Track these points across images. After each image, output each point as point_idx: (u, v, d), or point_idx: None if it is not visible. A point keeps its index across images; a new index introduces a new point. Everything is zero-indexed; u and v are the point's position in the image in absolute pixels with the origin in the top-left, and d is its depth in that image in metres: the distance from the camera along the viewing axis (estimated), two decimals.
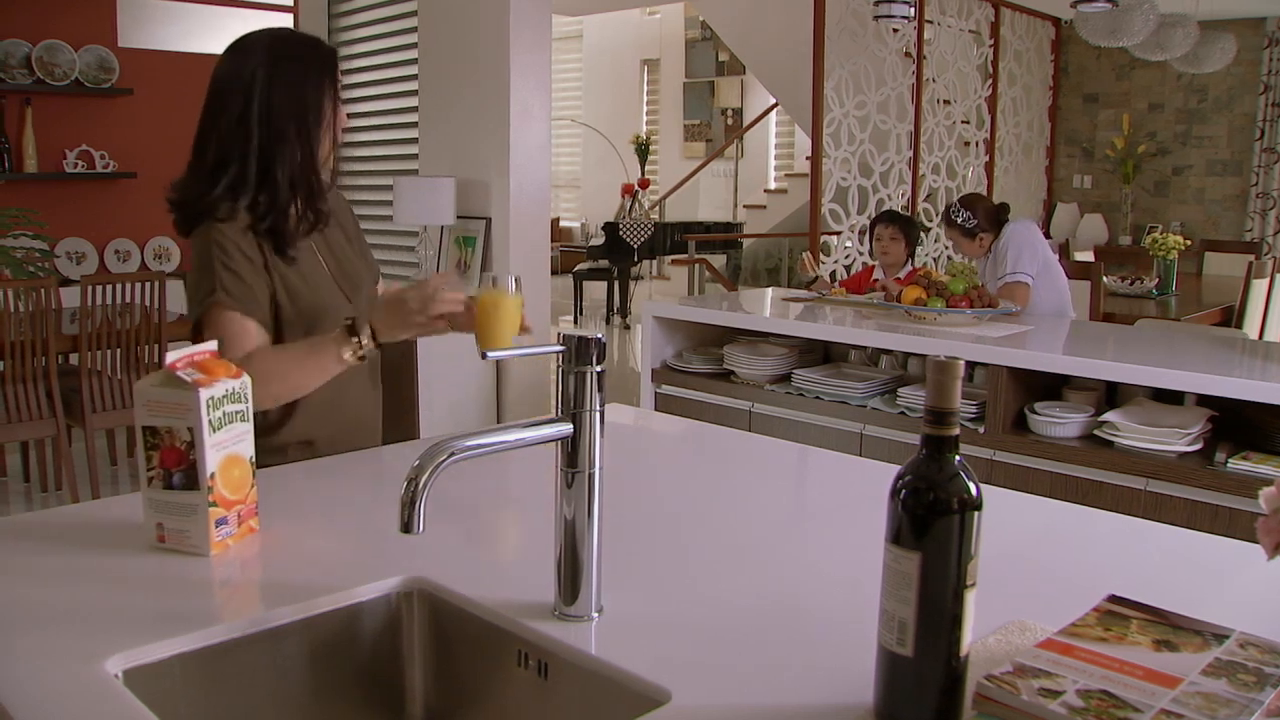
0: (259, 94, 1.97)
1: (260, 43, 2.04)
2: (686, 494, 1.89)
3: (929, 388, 0.98)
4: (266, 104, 1.97)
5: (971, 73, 7.99)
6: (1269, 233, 8.81)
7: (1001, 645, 1.17)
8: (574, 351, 1.20)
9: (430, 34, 5.97)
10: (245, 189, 1.98)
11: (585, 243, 12.91)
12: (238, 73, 1.99)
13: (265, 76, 1.98)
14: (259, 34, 2.07)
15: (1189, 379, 3.03)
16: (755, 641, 1.23)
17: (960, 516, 0.97)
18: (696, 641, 1.23)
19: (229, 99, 1.98)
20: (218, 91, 2.01)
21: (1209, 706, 0.94)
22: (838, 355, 4.12)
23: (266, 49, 2.02)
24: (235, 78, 1.99)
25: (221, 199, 1.97)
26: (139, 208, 6.88)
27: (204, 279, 1.95)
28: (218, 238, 1.95)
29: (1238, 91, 8.98)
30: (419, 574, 1.40)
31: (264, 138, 1.97)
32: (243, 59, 2.01)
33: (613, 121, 14.15)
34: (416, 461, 1.14)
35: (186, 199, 2.01)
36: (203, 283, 1.95)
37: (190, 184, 2.01)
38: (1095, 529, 1.72)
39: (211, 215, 1.96)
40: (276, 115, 1.98)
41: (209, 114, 2.01)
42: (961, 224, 4.40)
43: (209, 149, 2.00)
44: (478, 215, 5.72)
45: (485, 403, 5.67)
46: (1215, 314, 6.24)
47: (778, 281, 11.45)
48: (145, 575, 1.40)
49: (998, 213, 4.41)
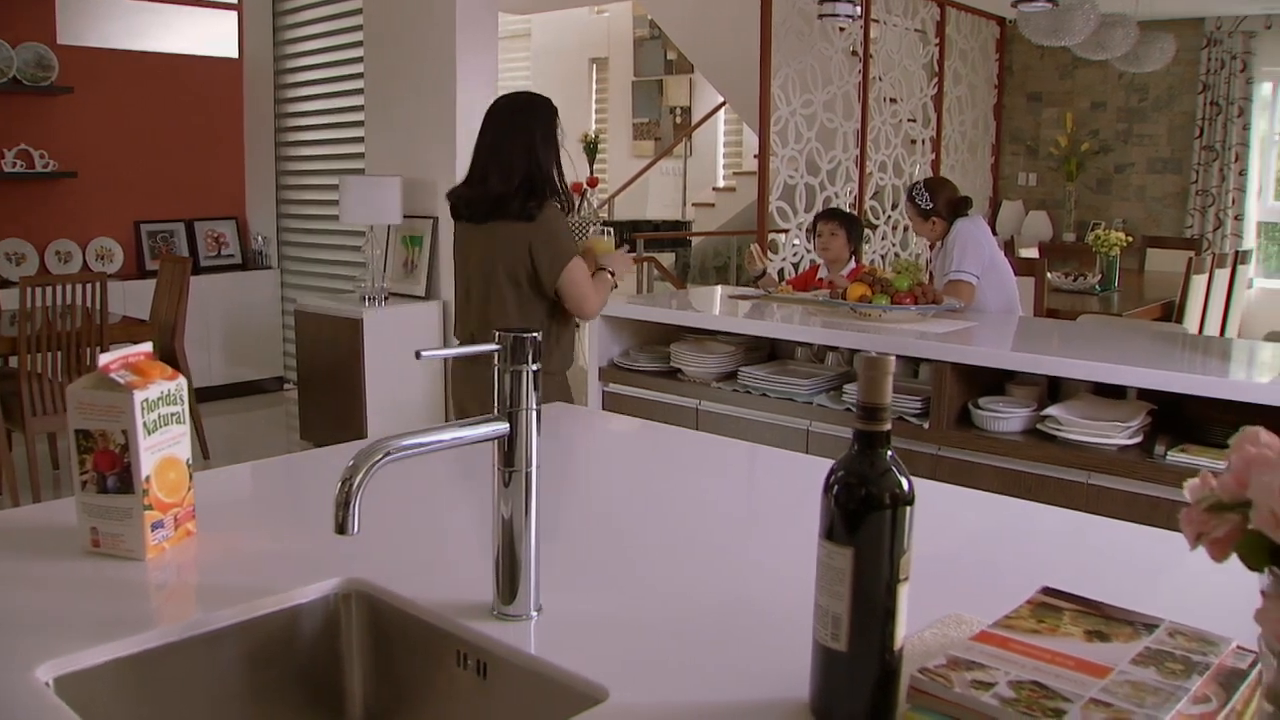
0: (539, 139, 3.08)
1: (536, 103, 3.20)
2: (632, 493, 1.89)
3: (860, 383, 0.99)
4: (546, 144, 3.09)
5: (917, 71, 8.05)
6: (1208, 229, 8.95)
7: (937, 638, 1.18)
8: (509, 350, 1.20)
9: (376, 33, 5.94)
10: (552, 192, 3.09)
11: None
12: (529, 125, 3.09)
13: (546, 124, 3.13)
14: (528, 96, 3.26)
15: (1129, 373, 3.08)
16: (696, 639, 1.23)
17: (892, 511, 0.98)
18: (636, 640, 1.23)
19: (524, 138, 3.07)
20: (515, 133, 3.08)
21: (1137, 695, 0.96)
22: (784, 352, 4.14)
23: (544, 108, 3.18)
24: (527, 129, 3.08)
25: (547, 197, 3.06)
26: (80, 208, 6.79)
27: (566, 243, 3.11)
28: (561, 219, 3.10)
29: (1177, 90, 9.12)
30: (358, 575, 1.39)
31: (548, 163, 3.09)
32: (527, 116, 3.13)
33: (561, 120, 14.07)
34: (351, 462, 1.13)
35: (506, 194, 3.04)
36: (566, 245, 3.10)
37: (499, 187, 3.05)
38: (1034, 523, 1.74)
39: (542, 207, 3.05)
40: (552, 150, 3.12)
41: (511, 146, 3.07)
42: (918, 203, 4.44)
43: (515, 169, 3.05)
44: (425, 214, 5.69)
45: (434, 403, 5.64)
46: (1156, 309, 6.34)
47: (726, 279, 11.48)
48: (78, 580, 1.38)
49: (958, 204, 4.44)
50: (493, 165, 3.08)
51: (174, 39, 7.15)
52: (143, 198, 7.08)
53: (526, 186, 3.04)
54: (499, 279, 3.11)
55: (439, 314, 5.66)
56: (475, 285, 3.18)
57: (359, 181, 5.58)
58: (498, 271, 3.11)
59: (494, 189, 3.06)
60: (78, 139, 6.71)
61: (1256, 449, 0.82)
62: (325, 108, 6.92)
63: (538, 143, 3.06)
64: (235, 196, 7.52)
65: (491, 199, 3.07)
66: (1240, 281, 7.43)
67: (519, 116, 3.10)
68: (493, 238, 3.11)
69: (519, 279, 3.11)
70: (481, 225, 3.13)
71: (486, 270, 3.13)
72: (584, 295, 3.14)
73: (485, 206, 3.10)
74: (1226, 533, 0.81)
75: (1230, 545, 0.82)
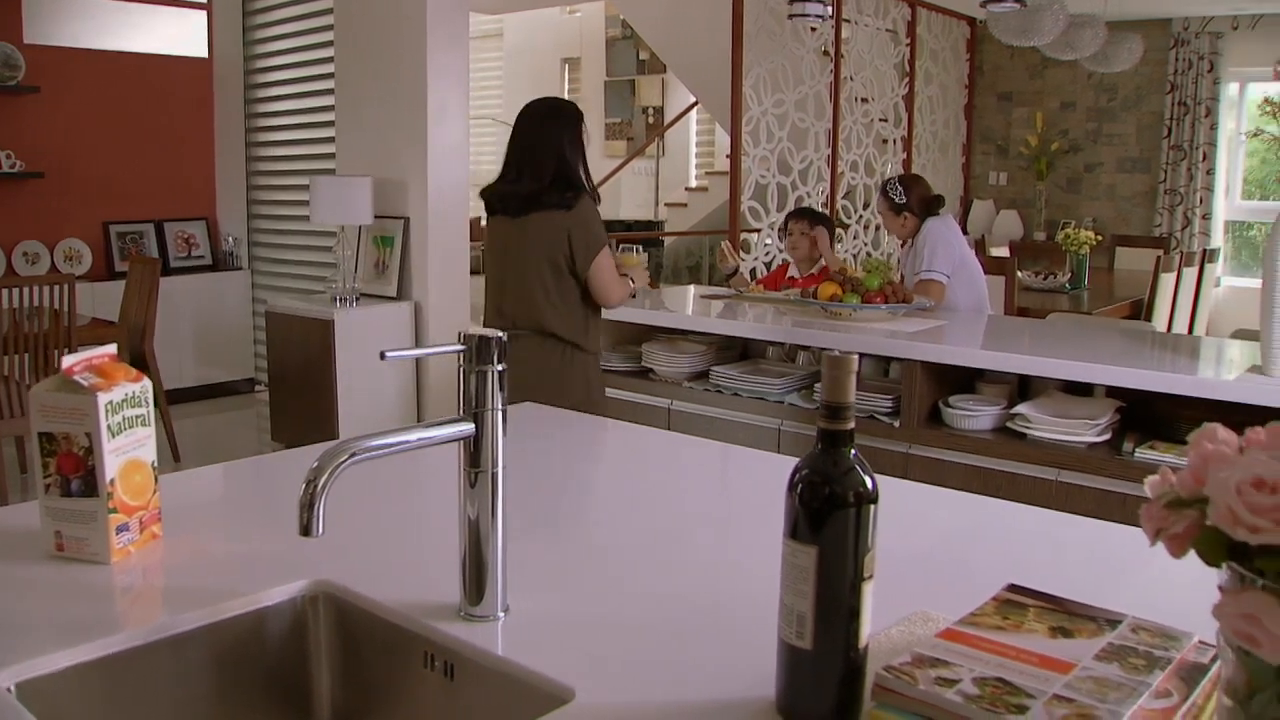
0: (567, 141, 3.31)
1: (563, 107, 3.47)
2: (602, 493, 1.89)
3: (824, 382, 0.99)
4: (573, 146, 3.32)
5: (889, 71, 8.08)
6: (1177, 228, 9.02)
7: (903, 636, 1.18)
8: (475, 351, 1.20)
9: (346, 32, 5.91)
10: (583, 186, 3.33)
11: None
12: (557, 128, 3.33)
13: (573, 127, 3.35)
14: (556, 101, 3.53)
15: (1098, 371, 3.10)
16: (663, 639, 1.23)
17: (856, 510, 0.98)
18: (603, 640, 1.23)
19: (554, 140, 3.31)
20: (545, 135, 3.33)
21: (1100, 690, 0.96)
22: (755, 352, 4.15)
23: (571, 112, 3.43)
24: (556, 132, 3.32)
25: (582, 187, 3.32)
26: (48, 209, 6.73)
27: (600, 232, 3.34)
28: (595, 210, 3.35)
29: (1146, 90, 9.18)
30: (325, 577, 1.38)
31: (575, 162, 3.32)
32: (555, 120, 3.37)
33: None
34: (315, 463, 1.12)
35: (540, 189, 3.29)
36: (599, 234, 3.33)
37: (531, 184, 3.31)
38: (1001, 520, 1.74)
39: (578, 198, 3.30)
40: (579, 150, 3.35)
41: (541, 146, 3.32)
42: (892, 197, 4.43)
43: (546, 168, 3.30)
44: (396, 215, 5.67)
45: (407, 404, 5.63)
46: (1125, 307, 6.38)
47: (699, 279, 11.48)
48: (42, 585, 1.37)
49: (930, 202, 4.45)
50: (525, 164, 3.34)
51: (143, 38, 7.10)
52: (112, 198, 7.02)
53: (559, 181, 3.29)
54: (540, 266, 3.32)
55: (410, 315, 5.64)
56: (512, 274, 3.39)
57: (330, 182, 5.55)
58: (540, 259, 3.32)
59: (527, 186, 3.32)
60: (45, 139, 6.65)
61: (1214, 446, 0.82)
62: (296, 108, 6.88)
63: (565, 144, 3.31)
64: (205, 197, 7.47)
65: (526, 194, 3.32)
66: (1208, 280, 7.49)
67: (548, 120, 3.37)
68: (532, 228, 3.33)
69: (559, 265, 3.32)
70: (518, 219, 3.35)
71: (527, 259, 3.34)
72: (609, 284, 3.36)
73: (521, 201, 3.34)
74: (1185, 529, 0.82)
75: (1188, 541, 0.82)
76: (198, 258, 7.36)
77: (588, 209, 3.31)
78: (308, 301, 5.87)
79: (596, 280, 3.33)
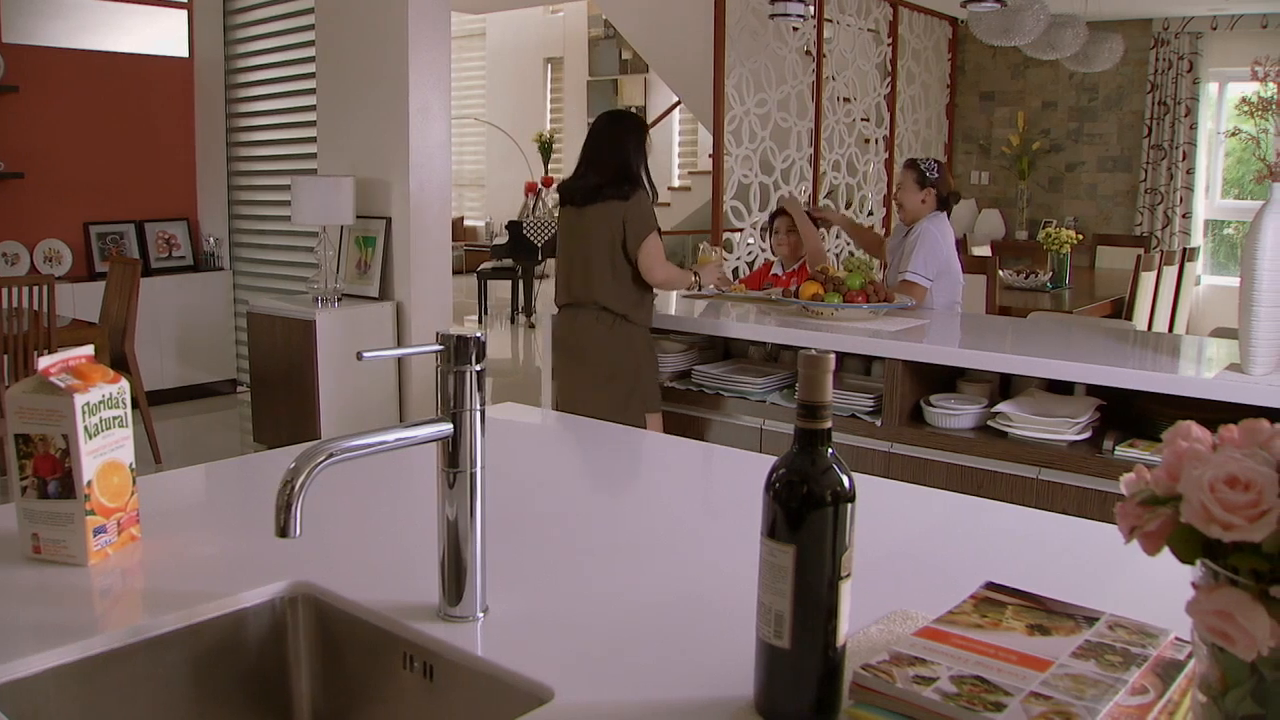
0: (631, 145, 3.86)
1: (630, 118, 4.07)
2: (582, 493, 1.89)
3: (800, 382, 0.99)
4: (637, 150, 3.87)
5: (871, 71, 8.10)
6: (1157, 227, 9.07)
7: (883, 634, 1.19)
8: (452, 351, 1.19)
9: (328, 32, 5.89)
10: (640, 182, 3.84)
11: (490, 242, 12.83)
12: (624, 134, 3.90)
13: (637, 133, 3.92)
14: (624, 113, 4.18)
15: (1079, 369, 3.11)
16: (643, 639, 1.23)
17: (834, 509, 0.98)
18: (583, 640, 1.23)
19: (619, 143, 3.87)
20: (612, 138, 3.89)
21: (1077, 687, 0.97)
22: (737, 351, 4.16)
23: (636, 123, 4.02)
24: (622, 135, 3.89)
25: (639, 183, 3.84)
26: (28, 209, 6.70)
27: (650, 219, 3.82)
28: (648, 202, 3.85)
29: (1126, 90, 9.23)
30: (304, 578, 1.38)
31: (637, 164, 3.86)
32: (622, 128, 3.93)
33: (516, 120, 14.08)
34: (292, 464, 1.12)
35: (602, 184, 3.82)
36: (649, 221, 3.81)
37: (595, 179, 3.84)
38: (981, 519, 1.75)
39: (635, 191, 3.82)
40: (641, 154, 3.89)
41: (608, 149, 3.88)
42: (923, 169, 4.36)
43: (609, 166, 3.84)
44: (378, 215, 5.66)
45: (388, 405, 5.62)
46: (1106, 306, 6.41)
47: None
48: (19, 587, 1.36)
49: (950, 194, 4.43)
50: (593, 163, 3.89)
51: (123, 38, 7.06)
52: (92, 199, 6.98)
53: (620, 177, 3.81)
54: (601, 249, 3.81)
55: (392, 315, 5.63)
56: (578, 258, 3.89)
57: (311, 182, 5.53)
58: (600, 243, 3.81)
59: (593, 180, 3.85)
60: (25, 139, 6.61)
61: (1188, 444, 0.83)
62: (277, 107, 6.86)
63: (630, 147, 3.86)
64: (186, 197, 7.44)
65: (591, 187, 3.85)
66: (1188, 278, 7.53)
67: (615, 128, 3.94)
68: (595, 215, 3.83)
69: (616, 247, 3.81)
70: (583, 208, 3.87)
71: (589, 243, 3.84)
72: (653, 263, 3.82)
73: (586, 193, 3.86)
74: (1159, 526, 0.82)
75: (1163, 539, 0.83)
76: (178, 258, 7.33)
77: (642, 200, 3.81)
78: (289, 302, 5.85)
79: (644, 259, 3.80)
